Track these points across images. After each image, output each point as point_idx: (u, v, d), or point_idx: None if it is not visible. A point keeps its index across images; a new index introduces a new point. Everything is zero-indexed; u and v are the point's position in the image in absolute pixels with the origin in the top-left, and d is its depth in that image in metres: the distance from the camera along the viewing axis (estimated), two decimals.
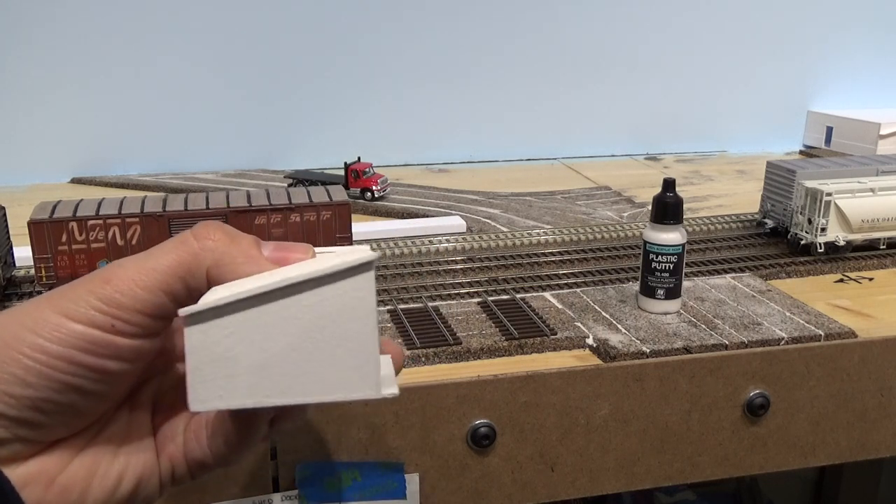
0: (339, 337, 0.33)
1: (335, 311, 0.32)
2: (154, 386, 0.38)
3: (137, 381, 0.36)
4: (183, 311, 0.32)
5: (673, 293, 0.68)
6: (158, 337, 0.35)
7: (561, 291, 0.74)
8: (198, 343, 0.32)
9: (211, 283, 0.34)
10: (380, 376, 0.33)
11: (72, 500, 0.34)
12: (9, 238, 0.75)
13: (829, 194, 0.81)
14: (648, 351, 0.62)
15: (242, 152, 1.24)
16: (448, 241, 0.86)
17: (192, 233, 0.35)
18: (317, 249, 0.37)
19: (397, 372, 0.36)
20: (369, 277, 0.32)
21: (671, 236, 0.67)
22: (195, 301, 0.34)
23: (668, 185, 0.67)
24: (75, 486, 0.34)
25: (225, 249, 0.34)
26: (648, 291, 0.68)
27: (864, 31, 1.42)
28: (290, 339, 0.32)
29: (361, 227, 0.87)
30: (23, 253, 0.74)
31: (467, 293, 0.73)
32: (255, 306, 0.32)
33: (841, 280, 0.79)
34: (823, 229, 0.81)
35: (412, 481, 0.59)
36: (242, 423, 0.36)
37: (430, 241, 0.85)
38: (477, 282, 0.76)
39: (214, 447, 0.37)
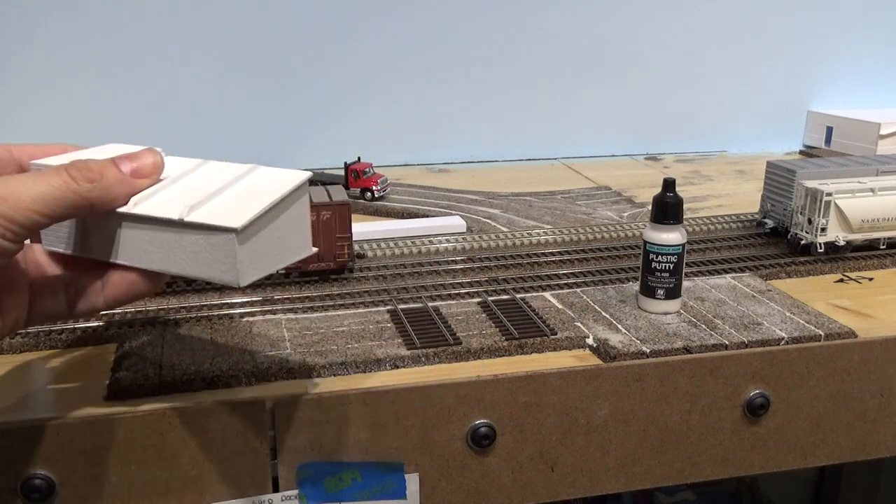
0: (295, 226, 0.50)
1: (296, 211, 0.50)
2: None
3: None
4: (239, 226, 0.46)
5: (673, 293, 0.68)
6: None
7: (561, 291, 0.74)
8: (241, 240, 0.46)
9: (95, 209, 0.47)
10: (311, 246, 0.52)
11: None
12: None
13: (829, 194, 0.81)
14: (648, 351, 0.62)
15: (242, 152, 1.24)
16: (448, 241, 0.86)
17: (69, 174, 0.45)
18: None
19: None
20: (306, 188, 0.51)
21: (671, 236, 0.67)
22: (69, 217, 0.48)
23: (668, 185, 0.67)
24: None
25: (104, 185, 0.46)
26: (648, 291, 0.68)
27: (864, 31, 1.42)
28: (277, 230, 0.49)
29: (361, 227, 0.87)
30: None
31: (467, 293, 0.73)
32: (264, 215, 0.47)
33: (841, 280, 0.79)
34: (823, 229, 0.81)
35: (412, 481, 0.59)
36: (152, 279, 0.50)
37: (430, 241, 0.85)
38: (477, 282, 0.76)
39: (114, 296, 0.51)
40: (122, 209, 0.48)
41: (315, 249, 0.52)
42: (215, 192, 0.49)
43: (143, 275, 0.50)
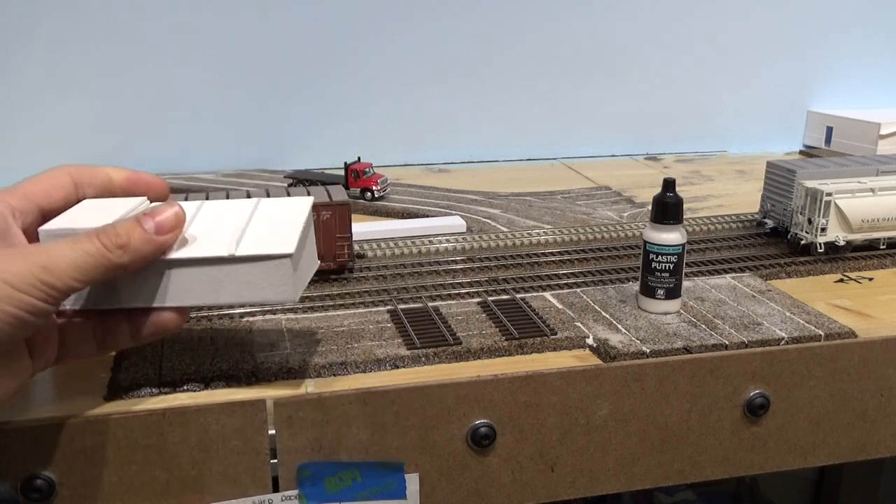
0: (310, 243, 0.57)
1: (309, 231, 0.57)
2: None
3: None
4: (293, 250, 0.52)
5: (673, 293, 0.68)
6: None
7: (561, 291, 0.74)
8: (291, 262, 0.52)
9: (128, 270, 0.50)
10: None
11: None
12: None
13: (829, 194, 0.81)
14: (648, 351, 0.62)
15: (242, 152, 1.24)
16: (448, 241, 0.86)
17: (101, 243, 0.49)
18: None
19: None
20: (311, 211, 0.58)
21: (671, 236, 0.67)
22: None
23: (668, 185, 0.67)
24: None
25: (133, 248, 0.50)
26: (648, 291, 0.68)
27: (864, 31, 1.42)
28: (302, 249, 0.54)
29: (361, 227, 0.87)
30: None
31: (467, 293, 0.73)
32: (299, 236, 0.53)
33: (841, 280, 0.79)
34: (823, 229, 0.81)
35: (412, 481, 0.59)
36: (183, 314, 0.54)
37: (430, 241, 0.85)
38: (477, 282, 0.76)
39: (147, 335, 0.54)
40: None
41: (319, 262, 0.58)
42: (243, 226, 0.54)
43: (176, 312, 0.53)
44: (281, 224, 0.54)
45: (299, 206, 0.57)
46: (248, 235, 0.53)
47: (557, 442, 0.61)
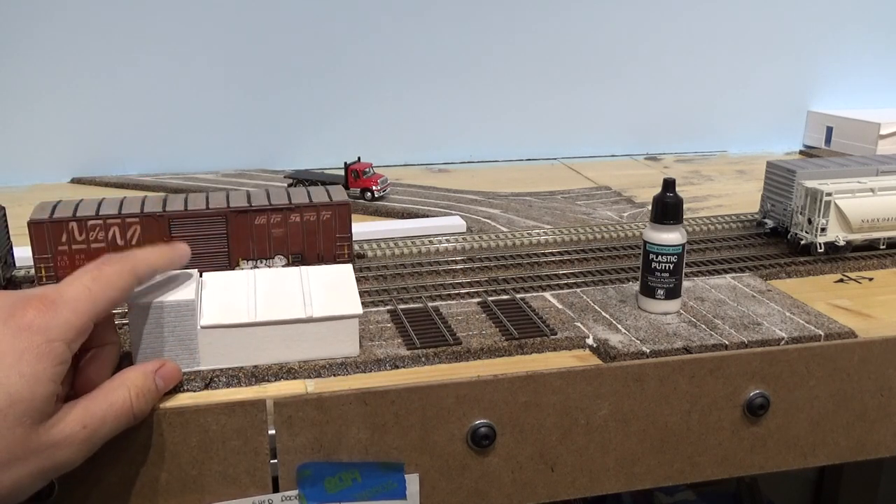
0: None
1: None
2: None
3: None
4: (357, 311, 0.59)
5: (673, 293, 0.68)
6: None
7: (561, 291, 0.74)
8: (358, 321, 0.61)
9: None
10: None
11: None
12: (9, 238, 0.75)
13: (829, 194, 0.81)
14: (648, 351, 0.62)
15: (242, 152, 1.24)
16: (448, 241, 0.86)
17: (133, 407, 0.52)
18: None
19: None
20: None
21: (671, 236, 0.67)
22: None
23: (668, 185, 0.67)
24: None
25: (148, 409, 0.54)
26: (648, 291, 0.68)
27: (864, 31, 1.42)
28: None
29: (361, 227, 0.87)
30: (23, 253, 0.74)
31: (467, 293, 0.73)
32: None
33: (841, 280, 0.79)
34: (823, 229, 0.81)
35: (412, 481, 0.59)
36: None
37: (430, 241, 0.85)
38: (477, 282, 0.76)
39: None
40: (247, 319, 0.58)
41: (361, 311, 0.60)
42: (307, 291, 0.60)
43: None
44: (339, 287, 0.61)
45: (343, 271, 0.63)
46: (315, 299, 0.59)
47: (557, 442, 0.61)
